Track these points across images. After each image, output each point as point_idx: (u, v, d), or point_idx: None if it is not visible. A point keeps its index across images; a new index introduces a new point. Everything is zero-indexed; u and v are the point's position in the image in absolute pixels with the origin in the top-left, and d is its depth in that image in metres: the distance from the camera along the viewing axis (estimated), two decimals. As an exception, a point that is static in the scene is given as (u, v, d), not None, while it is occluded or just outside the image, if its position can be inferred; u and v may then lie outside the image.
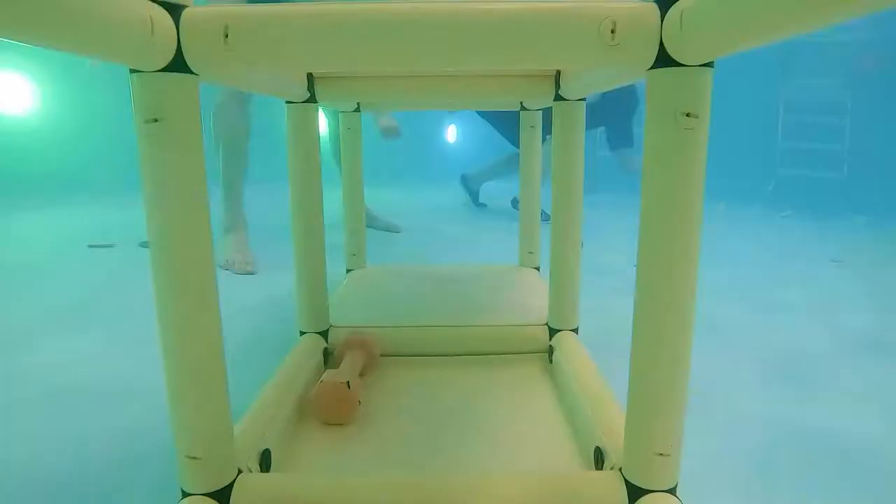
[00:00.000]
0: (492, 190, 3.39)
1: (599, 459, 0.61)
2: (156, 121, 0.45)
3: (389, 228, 2.52)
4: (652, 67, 0.45)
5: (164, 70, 0.44)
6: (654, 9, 0.43)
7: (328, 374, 0.75)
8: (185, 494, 0.52)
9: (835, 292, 1.69)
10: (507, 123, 2.79)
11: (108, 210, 2.91)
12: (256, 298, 1.53)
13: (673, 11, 0.42)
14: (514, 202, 3.12)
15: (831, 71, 4.17)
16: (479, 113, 3.02)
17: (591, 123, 2.93)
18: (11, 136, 3.75)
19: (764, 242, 2.47)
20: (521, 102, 1.25)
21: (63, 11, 0.33)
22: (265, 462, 0.61)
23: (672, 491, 0.52)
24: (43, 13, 0.32)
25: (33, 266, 1.87)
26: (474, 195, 3.23)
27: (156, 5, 0.42)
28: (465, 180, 3.25)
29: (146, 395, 0.97)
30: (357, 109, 1.25)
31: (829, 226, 3.02)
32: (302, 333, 0.93)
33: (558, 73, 0.82)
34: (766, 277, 1.82)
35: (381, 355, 0.92)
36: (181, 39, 0.44)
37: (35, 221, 2.69)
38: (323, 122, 2.19)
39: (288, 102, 0.83)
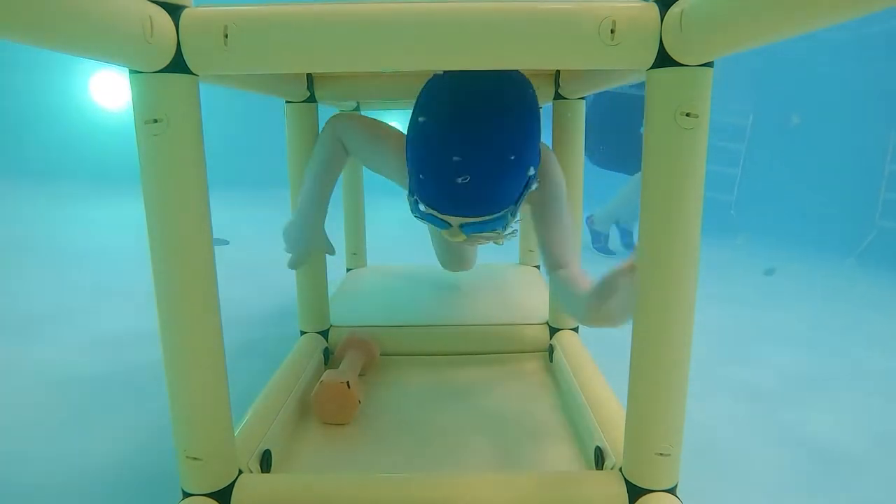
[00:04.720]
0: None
1: (599, 459, 0.61)
2: (156, 121, 0.45)
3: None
4: (652, 67, 0.45)
5: (163, 70, 0.44)
6: (654, 9, 0.43)
7: (328, 374, 0.75)
8: (186, 495, 0.52)
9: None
10: (617, 151, 2.25)
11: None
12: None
13: (673, 11, 0.42)
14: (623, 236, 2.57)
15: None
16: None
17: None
18: (108, 131, 3.72)
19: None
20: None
21: (63, 12, 0.33)
22: (266, 462, 0.61)
23: (672, 490, 0.52)
24: (43, 14, 0.32)
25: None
26: (595, 235, 2.49)
27: (155, 6, 0.42)
28: (589, 222, 2.49)
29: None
30: (357, 109, 1.24)
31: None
32: (302, 333, 0.93)
33: (558, 72, 0.82)
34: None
35: (381, 355, 0.92)
36: (181, 40, 0.44)
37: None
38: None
39: (288, 102, 0.83)
